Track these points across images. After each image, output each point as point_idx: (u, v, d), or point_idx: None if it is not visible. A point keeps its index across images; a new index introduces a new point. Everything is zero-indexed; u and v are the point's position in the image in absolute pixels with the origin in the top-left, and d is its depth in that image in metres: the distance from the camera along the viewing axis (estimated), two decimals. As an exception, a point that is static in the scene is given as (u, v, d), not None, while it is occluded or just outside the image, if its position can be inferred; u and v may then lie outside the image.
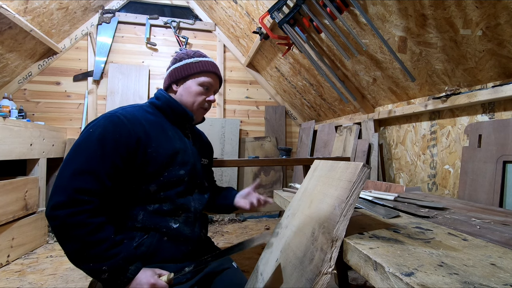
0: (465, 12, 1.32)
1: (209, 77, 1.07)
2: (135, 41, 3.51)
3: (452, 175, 1.74)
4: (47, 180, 2.96)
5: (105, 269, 0.76)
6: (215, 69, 1.09)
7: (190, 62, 1.06)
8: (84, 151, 0.82)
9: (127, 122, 0.89)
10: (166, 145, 0.96)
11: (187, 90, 1.05)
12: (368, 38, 1.88)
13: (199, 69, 1.05)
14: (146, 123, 0.94)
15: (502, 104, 1.47)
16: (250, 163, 2.14)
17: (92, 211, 0.78)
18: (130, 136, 0.88)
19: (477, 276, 0.49)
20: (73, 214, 0.75)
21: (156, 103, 1.05)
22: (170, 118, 1.04)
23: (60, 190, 0.77)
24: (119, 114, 0.91)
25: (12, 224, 2.15)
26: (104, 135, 0.85)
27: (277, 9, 2.11)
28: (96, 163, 0.81)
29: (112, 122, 0.87)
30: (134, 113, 0.94)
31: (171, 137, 0.99)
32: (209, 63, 1.08)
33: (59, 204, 0.75)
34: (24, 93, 3.14)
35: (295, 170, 3.79)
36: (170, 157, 0.95)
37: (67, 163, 0.81)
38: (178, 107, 1.04)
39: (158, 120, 1.00)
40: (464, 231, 0.77)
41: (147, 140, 0.91)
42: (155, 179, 0.92)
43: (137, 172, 0.90)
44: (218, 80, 1.13)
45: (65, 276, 1.95)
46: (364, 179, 0.71)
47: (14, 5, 2.26)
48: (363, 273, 0.62)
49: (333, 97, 2.89)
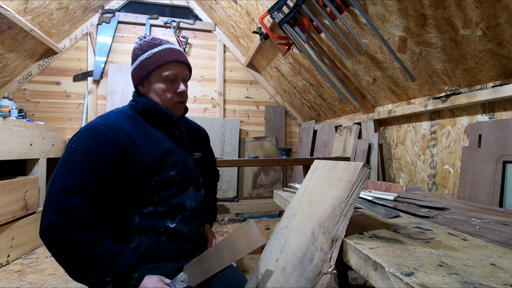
0: (465, 12, 1.32)
1: (170, 68, 0.95)
2: (135, 41, 3.50)
3: (452, 175, 1.74)
4: (47, 180, 2.96)
5: (109, 280, 0.76)
6: (173, 57, 0.96)
7: (144, 59, 0.95)
8: (70, 168, 0.80)
9: (109, 133, 0.86)
10: (153, 149, 0.93)
11: (153, 90, 0.97)
12: (368, 38, 1.88)
13: (156, 64, 0.94)
14: (130, 129, 0.90)
15: (502, 104, 1.47)
16: (250, 163, 2.14)
17: (87, 226, 0.77)
18: (114, 147, 0.85)
19: (477, 276, 0.49)
20: (69, 233, 0.74)
21: (135, 107, 0.99)
22: (151, 121, 0.98)
23: (52, 210, 0.76)
24: (100, 124, 0.87)
25: (12, 224, 2.15)
26: (88, 149, 0.82)
27: (277, 9, 2.11)
28: (84, 179, 0.79)
29: (94, 135, 0.84)
30: (116, 121, 0.90)
31: (158, 139, 0.96)
32: (165, 52, 0.95)
33: (53, 224, 0.74)
34: (24, 93, 3.14)
35: (295, 170, 3.79)
36: (159, 161, 0.93)
37: (55, 182, 0.79)
38: (156, 109, 0.97)
39: (141, 124, 0.95)
40: (464, 231, 0.77)
41: (132, 148, 0.88)
42: (146, 184, 0.90)
43: (127, 180, 0.88)
44: (184, 66, 0.99)
45: (65, 276, 1.95)
46: (364, 179, 0.71)
47: (14, 5, 2.26)
48: (363, 273, 0.62)
49: (333, 97, 2.89)
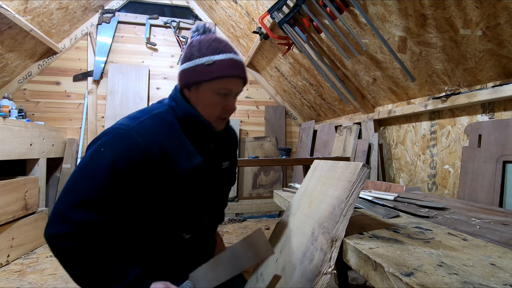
0: (465, 12, 1.32)
1: (228, 83, 0.84)
2: (135, 41, 3.51)
3: (452, 175, 1.74)
4: (47, 180, 2.96)
5: None
6: (235, 72, 0.84)
7: (202, 64, 0.82)
8: (91, 178, 0.74)
9: (143, 144, 0.77)
10: (184, 166, 0.85)
11: (200, 99, 0.86)
12: (368, 38, 1.88)
13: (213, 76, 0.82)
14: (165, 141, 0.82)
15: (502, 104, 1.47)
16: (250, 163, 2.14)
17: (97, 241, 0.73)
18: (145, 162, 0.77)
19: (476, 276, 0.49)
20: (78, 246, 0.71)
21: (175, 110, 0.88)
22: (188, 130, 0.88)
23: (62, 219, 0.71)
24: (134, 132, 0.78)
25: (12, 224, 2.15)
26: (116, 161, 0.74)
27: (277, 9, 2.11)
28: (104, 194, 0.73)
29: (126, 144, 0.76)
30: (151, 130, 0.81)
31: (191, 152, 0.88)
32: (227, 64, 0.83)
33: (61, 235, 0.70)
34: (24, 93, 3.14)
35: (295, 170, 3.79)
36: (189, 178, 0.86)
37: (71, 188, 0.74)
38: (197, 121, 0.87)
39: (177, 132, 0.86)
40: (464, 231, 0.77)
41: (164, 163, 0.81)
42: (170, 203, 0.84)
43: (151, 195, 0.82)
44: (242, 81, 0.88)
45: (65, 276, 1.95)
46: (364, 179, 0.71)
47: (14, 5, 2.26)
48: (363, 273, 0.62)
49: (333, 97, 2.89)
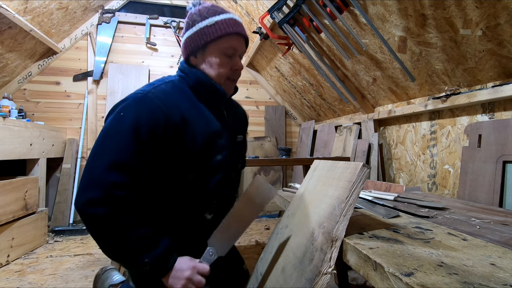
0: (465, 12, 1.32)
1: (231, 41, 0.88)
2: (135, 41, 3.51)
3: (452, 175, 1.74)
4: (47, 180, 2.96)
5: (147, 261, 0.74)
6: (236, 29, 0.89)
7: (204, 26, 0.87)
8: (117, 140, 0.75)
9: (162, 106, 0.80)
10: (202, 130, 0.87)
11: (208, 62, 0.90)
12: (368, 38, 1.88)
13: (217, 34, 0.86)
14: (182, 105, 0.85)
15: (502, 104, 1.47)
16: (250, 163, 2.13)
17: (130, 206, 0.74)
18: (166, 122, 0.79)
19: (476, 276, 0.49)
20: (111, 211, 0.71)
21: (186, 79, 0.92)
22: (202, 97, 0.91)
23: (93, 184, 0.72)
24: (152, 94, 0.81)
25: (12, 224, 2.15)
26: (138, 122, 0.76)
27: (277, 9, 2.11)
28: (131, 155, 0.75)
29: (146, 105, 0.79)
30: (169, 93, 0.85)
31: (207, 118, 0.90)
32: (228, 22, 0.88)
33: (94, 200, 0.71)
34: (24, 93, 3.14)
35: (295, 170, 3.79)
36: (208, 143, 0.87)
37: (98, 154, 0.75)
38: (209, 84, 0.90)
39: (192, 99, 0.89)
40: (464, 231, 0.77)
41: (183, 126, 0.83)
42: (193, 167, 0.86)
43: (174, 161, 0.83)
44: (244, 40, 0.93)
45: (65, 276, 1.95)
46: (364, 179, 0.71)
47: (14, 5, 2.26)
48: (363, 273, 0.62)
49: (333, 97, 2.89)
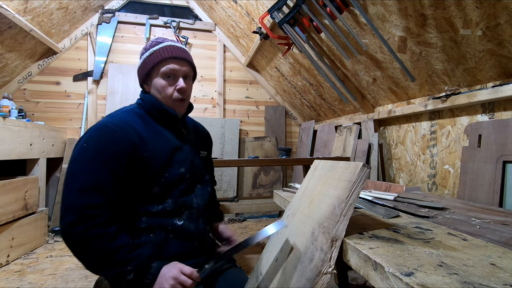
0: (465, 12, 1.32)
1: (168, 64, 0.96)
2: (135, 41, 3.51)
3: (452, 175, 1.74)
4: (47, 180, 2.96)
5: (130, 269, 0.79)
6: (172, 53, 0.96)
7: (146, 57, 0.98)
8: (84, 166, 0.83)
9: (119, 130, 0.88)
10: (162, 145, 0.95)
11: (154, 87, 0.98)
12: (368, 38, 1.88)
13: (155, 61, 0.96)
14: (138, 127, 0.93)
15: (502, 104, 1.47)
16: (250, 163, 2.14)
17: (105, 222, 0.81)
18: (125, 144, 0.87)
19: (477, 276, 0.49)
20: (88, 228, 0.78)
21: (142, 105, 1.01)
22: (158, 119, 1.00)
23: (69, 210, 0.79)
24: (109, 123, 0.89)
25: (12, 224, 2.15)
26: (100, 147, 0.85)
27: (277, 9, 2.11)
28: (99, 177, 0.82)
29: (105, 133, 0.87)
30: (125, 118, 0.93)
31: (166, 136, 0.98)
32: (164, 50, 0.96)
33: (71, 223, 0.78)
34: (24, 93, 3.14)
35: (295, 170, 3.79)
36: (168, 157, 0.95)
37: (70, 181, 0.82)
38: (159, 107, 0.98)
39: (149, 122, 0.98)
40: (464, 231, 0.77)
41: (142, 144, 0.90)
42: (156, 181, 0.92)
43: (137, 177, 0.90)
44: (184, 62, 0.99)
45: (65, 276, 1.95)
46: (364, 179, 0.71)
47: (14, 5, 2.26)
48: (363, 273, 0.62)
49: (333, 97, 2.89)
